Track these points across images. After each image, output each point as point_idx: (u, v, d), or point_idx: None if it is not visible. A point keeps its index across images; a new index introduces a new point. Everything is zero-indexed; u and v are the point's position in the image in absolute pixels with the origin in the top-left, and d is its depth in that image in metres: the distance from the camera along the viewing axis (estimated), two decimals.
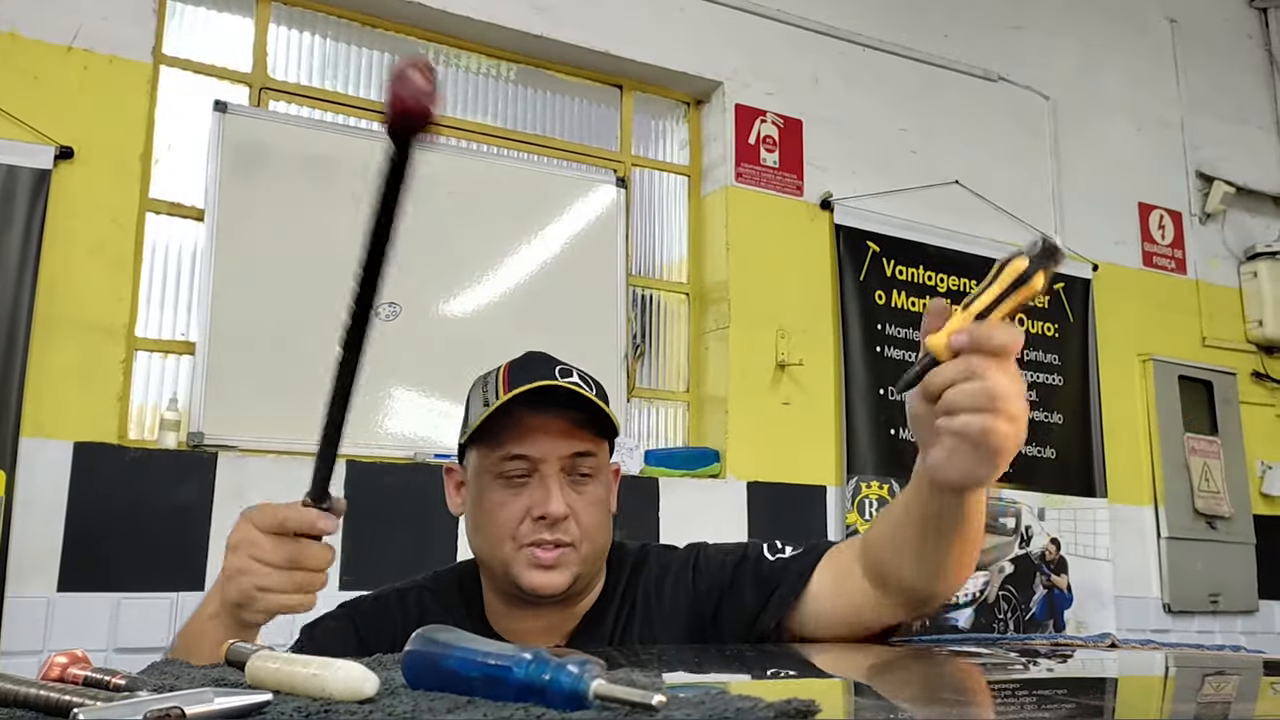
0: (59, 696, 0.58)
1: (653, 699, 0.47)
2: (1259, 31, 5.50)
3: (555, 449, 1.15)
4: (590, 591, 1.23)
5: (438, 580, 1.30)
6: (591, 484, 1.18)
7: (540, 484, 1.15)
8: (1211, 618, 4.55)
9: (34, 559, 2.64)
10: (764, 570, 1.17)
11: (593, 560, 1.18)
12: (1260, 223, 5.19)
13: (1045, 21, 4.72)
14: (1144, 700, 0.83)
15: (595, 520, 1.17)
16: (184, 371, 3.03)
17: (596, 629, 1.21)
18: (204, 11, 3.24)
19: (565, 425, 1.15)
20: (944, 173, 4.26)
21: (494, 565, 1.18)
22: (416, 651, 0.59)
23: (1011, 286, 0.82)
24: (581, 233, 3.62)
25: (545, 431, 1.15)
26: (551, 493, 1.14)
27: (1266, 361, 4.99)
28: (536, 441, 1.14)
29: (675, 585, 1.22)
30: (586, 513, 1.16)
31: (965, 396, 0.83)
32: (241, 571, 0.93)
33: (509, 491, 1.15)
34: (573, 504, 1.15)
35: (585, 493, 1.17)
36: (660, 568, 1.25)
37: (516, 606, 1.20)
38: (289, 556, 0.93)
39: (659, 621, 1.21)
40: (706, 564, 1.22)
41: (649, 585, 1.23)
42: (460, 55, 3.64)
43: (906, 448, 3.92)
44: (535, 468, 1.15)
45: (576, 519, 1.15)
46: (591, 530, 1.17)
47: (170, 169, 3.10)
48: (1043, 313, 4.37)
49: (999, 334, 0.83)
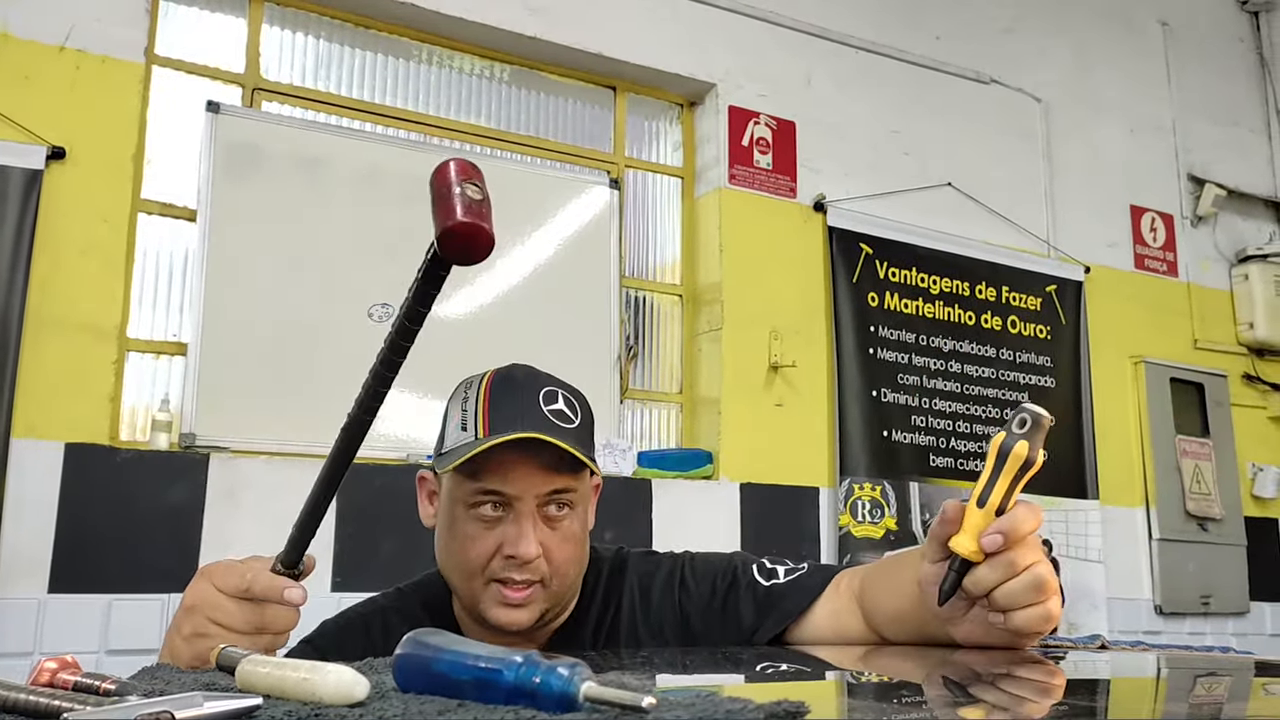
0: (48, 702, 0.58)
1: (643, 701, 0.47)
2: (1250, 35, 5.52)
3: (532, 487, 1.10)
4: (564, 612, 1.21)
5: (402, 598, 1.27)
6: (568, 518, 1.14)
7: (514, 522, 1.10)
8: (1203, 619, 4.56)
9: (25, 560, 2.63)
10: (759, 594, 1.16)
11: (563, 593, 1.16)
12: (1251, 225, 5.21)
13: (1038, 24, 4.73)
14: (1136, 701, 0.83)
15: (568, 556, 1.14)
16: (176, 372, 3.03)
17: (574, 641, 1.20)
18: (196, 12, 3.24)
19: (544, 463, 1.10)
20: (937, 175, 4.27)
21: (462, 594, 1.17)
22: (407, 655, 0.59)
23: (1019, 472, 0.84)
24: (575, 234, 3.62)
25: (523, 469, 1.10)
26: (524, 533, 1.10)
27: (1257, 364, 5.01)
28: (513, 479, 1.10)
29: (662, 600, 1.20)
30: (560, 550, 1.13)
31: (1020, 593, 0.86)
32: (200, 635, 0.88)
33: (482, 525, 1.11)
34: (546, 542, 1.11)
35: (560, 528, 1.13)
36: (643, 577, 1.23)
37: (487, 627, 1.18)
38: (253, 622, 0.88)
39: (645, 633, 1.19)
40: (695, 584, 1.20)
41: (632, 595, 1.21)
42: (453, 56, 3.63)
43: (899, 449, 3.93)
44: (510, 504, 1.11)
45: (548, 557, 1.12)
46: (563, 566, 1.13)
47: (162, 169, 3.10)
48: (1035, 315, 4.38)
49: (1026, 523, 0.85)
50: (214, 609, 0.88)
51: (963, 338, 4.18)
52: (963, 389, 4.13)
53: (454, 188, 0.69)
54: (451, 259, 0.70)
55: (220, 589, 0.88)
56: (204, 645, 0.86)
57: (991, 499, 0.85)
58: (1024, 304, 4.37)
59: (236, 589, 0.88)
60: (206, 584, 0.89)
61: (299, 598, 0.88)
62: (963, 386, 4.13)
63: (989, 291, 4.28)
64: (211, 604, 0.88)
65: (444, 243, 0.69)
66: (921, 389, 4.03)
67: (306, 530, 0.86)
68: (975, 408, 4.14)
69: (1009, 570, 0.85)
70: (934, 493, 3.95)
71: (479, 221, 0.68)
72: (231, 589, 0.88)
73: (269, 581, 0.87)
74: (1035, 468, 0.84)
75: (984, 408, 4.16)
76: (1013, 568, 0.85)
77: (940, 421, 4.04)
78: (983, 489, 0.86)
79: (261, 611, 0.88)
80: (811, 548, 3.71)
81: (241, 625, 0.87)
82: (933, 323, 4.11)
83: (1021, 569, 0.85)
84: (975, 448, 4.10)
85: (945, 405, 4.06)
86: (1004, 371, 4.25)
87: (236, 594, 0.88)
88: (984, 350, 4.22)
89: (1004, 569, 0.85)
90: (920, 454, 3.97)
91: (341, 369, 2.85)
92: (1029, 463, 0.84)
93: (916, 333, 4.06)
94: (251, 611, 0.88)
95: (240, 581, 0.87)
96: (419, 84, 3.58)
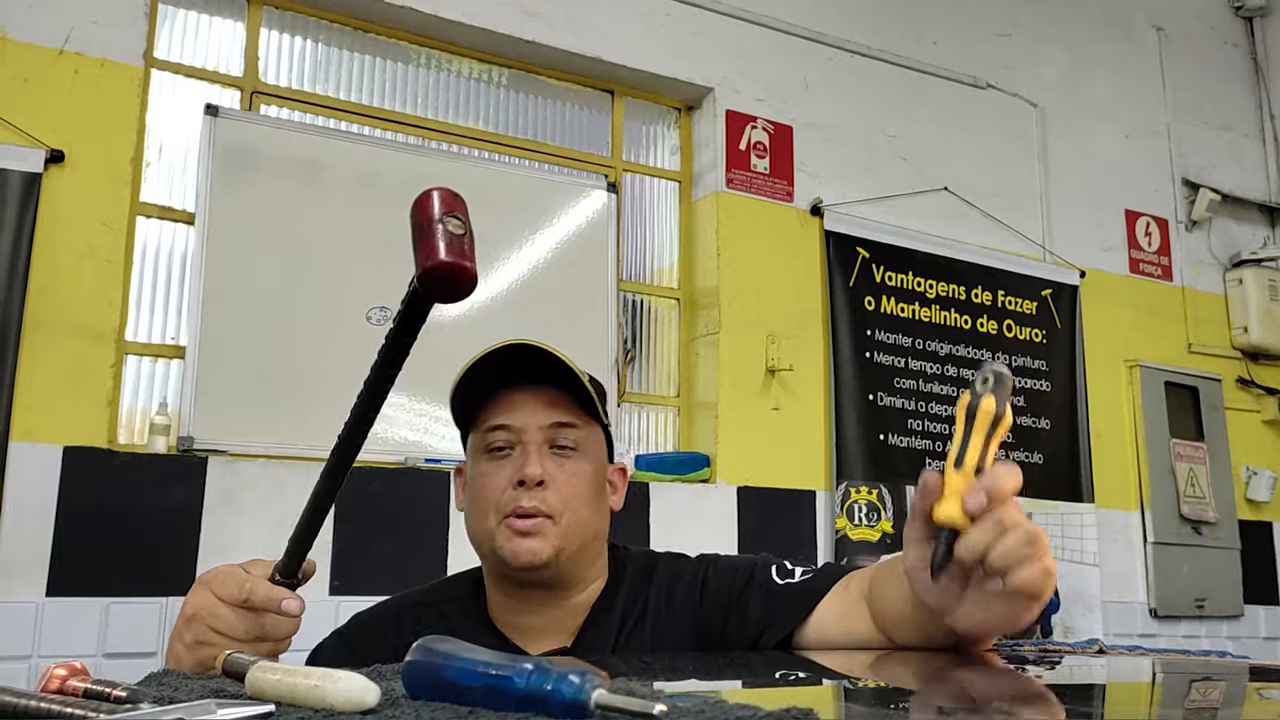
0: (61, 709, 0.58)
1: (654, 708, 0.47)
2: (1245, 40, 5.54)
3: (536, 419, 1.17)
4: (587, 584, 1.22)
5: (433, 591, 1.30)
6: (575, 458, 1.19)
7: (522, 452, 1.17)
8: (1197, 622, 4.58)
9: (23, 564, 2.63)
10: (772, 593, 1.17)
11: (576, 535, 1.17)
12: (1246, 230, 5.23)
13: (1033, 29, 4.75)
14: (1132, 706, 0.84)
15: (576, 493, 1.17)
16: (174, 375, 3.03)
17: (602, 630, 1.20)
18: (195, 15, 3.24)
19: (547, 397, 1.18)
20: (933, 179, 4.28)
21: (483, 543, 1.19)
22: (417, 662, 0.59)
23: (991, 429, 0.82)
24: (572, 238, 3.62)
25: (526, 403, 1.18)
26: (530, 458, 1.15)
27: (1252, 368, 5.03)
28: (517, 412, 1.18)
29: (685, 598, 1.22)
30: (567, 484, 1.16)
31: (1014, 549, 0.82)
32: (201, 643, 0.90)
33: (494, 464, 1.18)
34: (553, 473, 1.16)
35: (566, 465, 1.18)
36: (671, 577, 1.25)
37: (517, 599, 1.20)
38: (252, 631, 0.89)
39: (667, 631, 1.21)
40: (716, 582, 1.22)
41: (660, 594, 1.23)
42: (452, 60, 3.64)
43: (895, 452, 3.94)
44: (518, 438, 1.17)
45: (557, 489, 1.16)
46: (573, 502, 1.16)
47: (161, 173, 3.10)
48: (1030, 319, 4.40)
49: (1007, 480, 0.83)
50: (214, 617, 0.89)
51: (959, 341, 4.19)
52: (958, 392, 4.14)
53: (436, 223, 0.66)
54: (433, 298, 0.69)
55: (220, 597, 0.90)
56: (206, 653, 0.89)
57: (968, 459, 0.83)
58: (1020, 308, 4.38)
59: (235, 598, 0.89)
60: (206, 592, 0.91)
61: (296, 609, 0.89)
62: (958, 390, 4.14)
63: (985, 295, 4.29)
64: (211, 612, 0.90)
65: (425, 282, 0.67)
66: (918, 392, 4.04)
67: (303, 543, 0.87)
68: None
69: (999, 528, 0.82)
70: None
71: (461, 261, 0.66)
72: (230, 597, 0.89)
73: (267, 592, 0.88)
74: (1006, 422, 0.82)
75: None
76: (1001, 525, 0.82)
77: (936, 425, 4.05)
78: (958, 450, 0.83)
79: (260, 620, 0.89)
80: (808, 551, 3.72)
81: (241, 634, 0.89)
82: (929, 326, 4.12)
83: (1011, 526, 0.82)
84: None
85: (941, 409, 4.08)
86: None
87: (235, 602, 0.89)
88: (980, 354, 4.23)
89: (993, 528, 0.82)
90: (916, 457, 3.98)
91: (339, 372, 2.85)
92: (998, 418, 0.82)
93: (913, 336, 4.07)
94: (251, 620, 0.89)
95: (239, 591, 0.89)
96: (417, 88, 3.58)
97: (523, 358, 1.17)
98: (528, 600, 1.20)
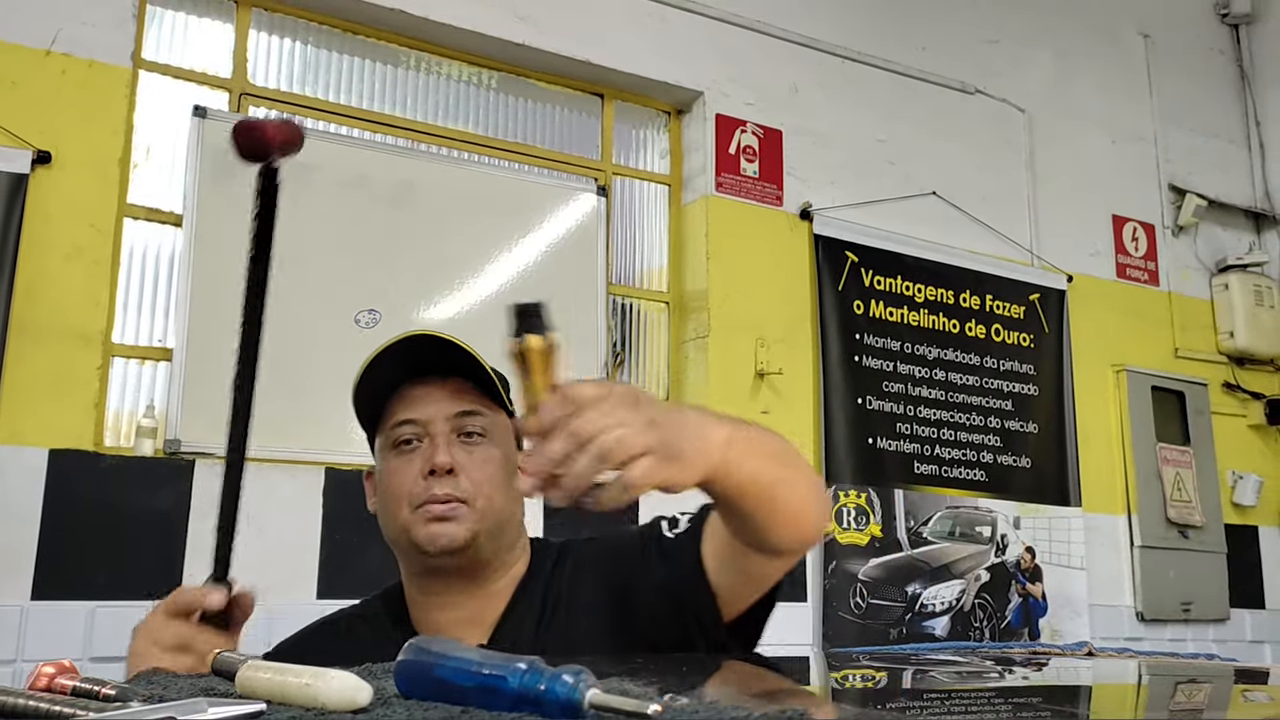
0: (49, 707, 0.58)
1: (649, 708, 0.47)
2: (1230, 47, 5.58)
3: (441, 409, 1.18)
4: (507, 569, 1.22)
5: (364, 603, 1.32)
6: (483, 444, 1.19)
7: (430, 443, 1.18)
8: (1183, 626, 4.60)
9: (8, 566, 2.61)
10: (665, 546, 1.18)
11: (492, 520, 1.18)
12: (1231, 235, 5.26)
13: (1021, 35, 4.77)
14: (1119, 707, 0.84)
15: (488, 477, 1.18)
16: (161, 378, 3.01)
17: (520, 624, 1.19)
18: (184, 16, 3.23)
19: (450, 387, 1.19)
20: (921, 184, 4.29)
21: (399, 538, 1.19)
22: (409, 661, 0.59)
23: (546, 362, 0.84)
24: (562, 241, 3.62)
25: (430, 395, 1.19)
26: (438, 447, 1.16)
27: (1237, 372, 5.06)
28: (421, 405, 1.19)
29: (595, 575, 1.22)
30: (478, 469, 1.17)
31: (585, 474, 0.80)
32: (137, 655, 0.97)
33: (402, 458, 1.19)
34: (462, 460, 1.17)
35: (476, 452, 1.19)
36: (576, 560, 1.25)
37: (435, 592, 1.20)
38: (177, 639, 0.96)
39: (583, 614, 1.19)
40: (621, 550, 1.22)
41: (570, 578, 1.23)
42: (441, 63, 3.63)
43: (884, 456, 3.95)
44: (425, 430, 1.18)
45: (468, 474, 1.17)
46: (485, 486, 1.17)
47: (149, 174, 3.08)
48: (1018, 323, 4.41)
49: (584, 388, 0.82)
50: (148, 628, 0.99)
51: (947, 346, 4.20)
52: (947, 396, 4.15)
53: None
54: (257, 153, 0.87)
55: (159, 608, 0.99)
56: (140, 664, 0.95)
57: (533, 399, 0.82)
58: (1007, 312, 4.40)
59: (165, 606, 0.98)
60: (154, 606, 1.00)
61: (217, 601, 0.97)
62: (947, 394, 4.15)
63: (973, 300, 4.31)
64: (147, 625, 0.99)
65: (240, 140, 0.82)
66: (906, 396, 4.05)
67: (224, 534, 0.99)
68: (959, 415, 4.16)
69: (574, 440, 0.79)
70: (919, 500, 3.97)
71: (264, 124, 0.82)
72: (163, 607, 0.99)
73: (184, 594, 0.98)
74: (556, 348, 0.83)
75: (968, 415, 4.19)
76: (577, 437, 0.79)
77: (925, 429, 4.06)
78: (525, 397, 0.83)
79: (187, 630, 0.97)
80: None
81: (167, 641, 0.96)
82: (917, 331, 4.14)
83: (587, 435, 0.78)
84: (960, 455, 4.12)
85: (930, 413, 4.09)
86: (987, 379, 4.28)
87: (169, 612, 0.98)
88: (968, 358, 4.25)
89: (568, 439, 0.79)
90: (905, 461, 3.99)
91: (327, 375, 2.84)
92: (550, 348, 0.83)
93: (901, 341, 4.08)
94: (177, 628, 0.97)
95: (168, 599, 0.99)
96: (407, 90, 3.58)
97: (423, 350, 1.18)
98: (446, 592, 1.20)
